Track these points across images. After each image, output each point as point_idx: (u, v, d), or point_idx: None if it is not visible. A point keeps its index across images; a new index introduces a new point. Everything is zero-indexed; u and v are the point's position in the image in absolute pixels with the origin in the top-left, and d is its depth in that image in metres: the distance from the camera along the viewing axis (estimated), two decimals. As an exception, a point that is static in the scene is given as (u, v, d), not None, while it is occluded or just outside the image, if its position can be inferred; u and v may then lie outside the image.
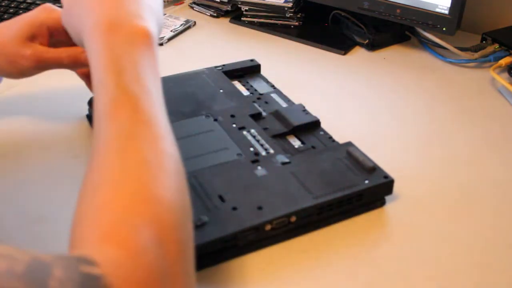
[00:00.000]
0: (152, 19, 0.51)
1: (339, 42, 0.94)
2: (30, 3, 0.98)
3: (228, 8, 1.04)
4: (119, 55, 0.46)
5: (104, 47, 0.47)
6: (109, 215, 0.37)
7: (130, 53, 0.46)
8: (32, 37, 0.63)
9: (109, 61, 0.46)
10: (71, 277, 0.33)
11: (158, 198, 0.39)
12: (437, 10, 0.85)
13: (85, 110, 0.71)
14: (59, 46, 0.64)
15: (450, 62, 0.89)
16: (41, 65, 0.64)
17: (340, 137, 0.64)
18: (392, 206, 0.59)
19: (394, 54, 0.92)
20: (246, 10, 1.00)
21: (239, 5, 1.01)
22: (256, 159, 0.59)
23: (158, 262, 0.36)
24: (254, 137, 0.63)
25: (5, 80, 0.72)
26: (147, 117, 0.43)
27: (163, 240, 0.37)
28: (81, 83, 0.69)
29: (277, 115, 0.68)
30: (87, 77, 0.68)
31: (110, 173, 0.40)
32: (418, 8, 0.87)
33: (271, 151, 0.61)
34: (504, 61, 0.84)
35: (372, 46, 0.93)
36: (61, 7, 0.58)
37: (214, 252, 0.51)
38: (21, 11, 0.96)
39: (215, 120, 0.66)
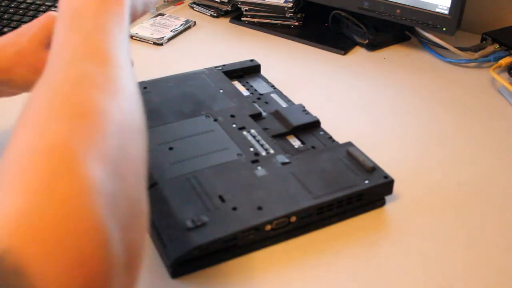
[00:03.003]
0: None
1: (339, 42, 0.94)
2: (30, 3, 0.98)
3: (228, 8, 1.04)
4: (78, 7, 0.43)
5: (65, 5, 0.44)
6: (22, 144, 0.33)
7: (89, 4, 0.43)
8: (48, 42, 0.60)
9: (66, 14, 0.44)
10: None
11: (85, 110, 0.35)
12: (437, 10, 0.85)
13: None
14: None
15: (450, 62, 0.89)
16: None
17: (340, 137, 0.64)
18: (392, 206, 0.59)
19: (394, 54, 0.92)
20: (246, 10, 1.00)
21: (239, 5, 1.01)
22: (256, 159, 0.59)
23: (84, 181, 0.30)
24: (254, 137, 0.63)
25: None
26: (97, 46, 0.40)
27: (98, 156, 0.32)
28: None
29: (277, 115, 0.68)
30: None
31: (38, 95, 0.37)
32: (418, 8, 0.87)
33: (271, 151, 0.61)
34: (504, 61, 0.84)
35: (372, 46, 0.93)
36: None
37: (214, 252, 0.51)
38: (21, 11, 0.96)
39: (215, 120, 0.66)
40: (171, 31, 0.97)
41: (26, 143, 0.33)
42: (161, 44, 0.93)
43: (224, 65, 0.79)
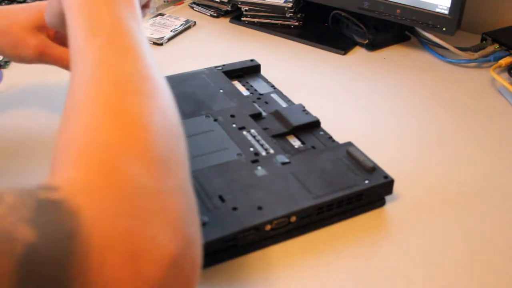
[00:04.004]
0: None
1: (339, 42, 0.94)
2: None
3: (228, 8, 1.04)
4: (96, 11, 0.43)
5: (82, 4, 0.44)
6: (80, 139, 0.35)
7: (109, 8, 0.43)
8: (40, 27, 0.62)
9: (78, 6, 0.44)
10: (25, 202, 0.30)
11: (130, 116, 0.36)
12: (437, 10, 0.85)
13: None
14: (65, 42, 0.64)
15: (450, 62, 0.89)
16: (42, 59, 0.63)
17: (340, 137, 0.64)
18: (392, 206, 0.59)
19: (394, 54, 0.92)
20: (246, 10, 1.00)
21: (239, 5, 1.01)
22: (256, 159, 0.59)
23: (132, 179, 0.33)
24: (254, 137, 0.63)
25: (5, 80, 0.72)
26: (122, 45, 0.41)
27: (140, 157, 0.34)
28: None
29: (277, 115, 0.68)
30: None
31: (80, 101, 0.38)
32: (418, 8, 0.87)
33: (271, 151, 0.61)
34: (504, 61, 0.84)
35: (372, 46, 0.93)
36: None
37: (214, 252, 0.51)
38: (21, 11, 0.96)
39: (215, 120, 0.66)
40: (171, 31, 0.97)
41: (80, 135, 0.36)
42: (161, 44, 0.93)
43: (224, 65, 0.79)
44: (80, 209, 0.31)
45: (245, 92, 0.74)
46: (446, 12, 0.85)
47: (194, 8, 1.08)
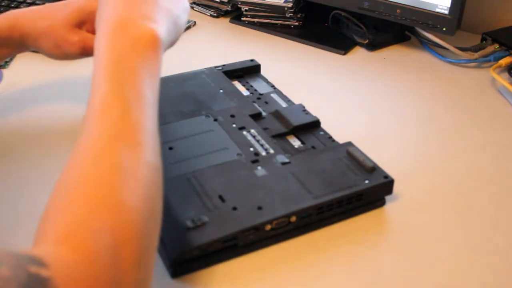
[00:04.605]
0: (164, 23, 0.51)
1: (339, 42, 0.94)
2: (30, 3, 0.98)
3: (228, 8, 1.04)
4: (120, 56, 0.46)
5: (108, 45, 0.47)
6: (71, 216, 0.37)
7: (131, 56, 0.46)
8: (80, 24, 0.64)
9: (109, 61, 0.46)
10: (17, 276, 0.32)
11: (123, 205, 0.38)
12: (437, 10, 0.85)
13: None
14: None
15: (450, 62, 0.89)
16: (86, 52, 0.65)
17: (340, 137, 0.64)
18: (392, 206, 0.59)
19: (394, 54, 0.92)
20: (246, 10, 1.00)
21: (239, 5, 1.01)
22: (256, 159, 0.59)
23: (110, 270, 0.36)
24: (254, 137, 0.63)
25: (5, 80, 0.72)
26: (134, 122, 0.43)
27: (120, 248, 0.37)
28: (83, 81, 0.69)
29: (277, 115, 0.68)
30: None
31: (82, 174, 0.40)
32: (418, 8, 0.87)
33: (271, 151, 0.61)
34: (504, 61, 0.84)
35: (372, 46, 0.93)
36: None
37: (214, 252, 0.51)
38: (21, 11, 0.96)
39: (215, 120, 0.66)
40: (171, 31, 0.97)
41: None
42: (161, 44, 0.93)
43: (224, 65, 0.79)
44: None
45: (245, 92, 0.74)
46: (446, 12, 0.85)
47: (194, 8, 1.08)
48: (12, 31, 0.64)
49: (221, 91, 0.72)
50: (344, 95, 0.80)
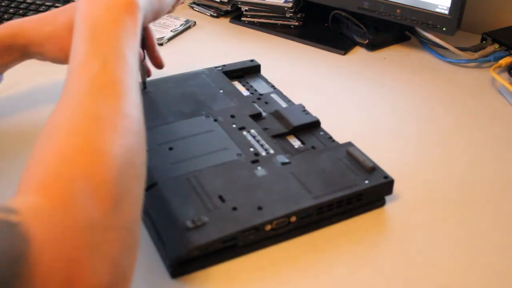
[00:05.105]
0: None
1: (339, 42, 0.94)
2: (30, 3, 0.98)
3: (228, 8, 1.04)
4: (96, 21, 0.48)
5: (84, 13, 0.49)
6: (47, 165, 0.38)
7: (107, 20, 0.48)
8: None
9: (85, 27, 0.48)
10: None
11: (98, 152, 0.39)
12: (437, 10, 0.85)
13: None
14: None
15: (450, 62, 0.89)
16: None
17: (340, 137, 0.64)
18: (392, 206, 0.59)
19: (394, 54, 0.92)
20: (246, 10, 1.00)
21: (239, 5, 1.01)
22: (256, 159, 0.59)
23: (85, 213, 0.36)
24: (254, 137, 0.63)
25: (5, 80, 0.72)
26: (113, 76, 0.44)
27: (95, 193, 0.37)
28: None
29: (277, 115, 0.68)
30: None
31: (59, 126, 0.41)
32: (418, 8, 0.87)
33: (271, 151, 0.61)
34: (504, 61, 0.84)
35: (372, 46, 0.93)
36: None
37: (214, 252, 0.51)
38: (21, 11, 0.96)
39: (215, 120, 0.66)
40: (171, 31, 0.97)
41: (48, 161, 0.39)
42: (161, 44, 0.93)
43: (224, 65, 0.79)
44: (32, 234, 0.33)
45: (245, 92, 0.74)
46: (446, 12, 0.85)
47: (194, 8, 1.08)
48: (16, 38, 0.65)
49: (221, 91, 0.72)
50: (344, 95, 0.80)
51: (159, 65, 0.72)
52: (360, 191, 0.56)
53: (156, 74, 0.76)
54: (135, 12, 0.50)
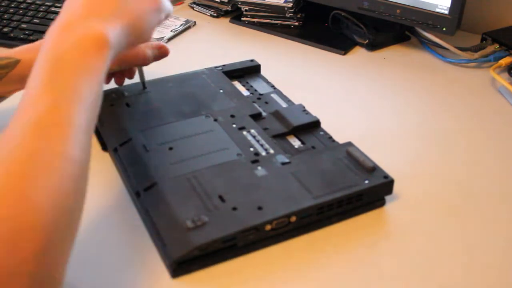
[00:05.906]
0: (119, 23, 0.51)
1: (339, 42, 0.94)
2: (30, 3, 0.98)
3: (228, 8, 1.04)
4: (62, 53, 0.46)
5: (52, 43, 0.47)
6: None
7: (73, 54, 0.47)
8: None
9: (49, 57, 0.46)
10: None
11: (26, 196, 0.38)
12: (437, 10, 0.85)
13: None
14: None
15: (450, 62, 0.89)
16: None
17: (340, 137, 0.64)
18: (392, 206, 0.59)
19: (394, 54, 0.92)
20: (246, 10, 1.00)
21: (239, 5, 1.01)
22: (256, 159, 0.59)
23: (5, 258, 0.35)
24: (254, 137, 0.63)
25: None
26: (62, 117, 0.43)
27: (17, 238, 0.36)
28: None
29: (277, 115, 0.68)
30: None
31: (7, 153, 0.40)
32: (418, 8, 0.87)
33: (271, 151, 0.61)
34: (504, 61, 0.84)
35: (372, 46, 0.93)
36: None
37: (214, 252, 0.51)
38: (21, 11, 0.96)
39: (215, 120, 0.66)
40: (171, 31, 0.97)
41: None
42: (161, 44, 0.93)
43: (224, 65, 0.79)
44: None
45: (245, 92, 0.74)
46: (446, 12, 0.85)
47: (194, 8, 1.08)
48: (20, 68, 0.64)
49: (221, 91, 0.72)
50: (344, 95, 0.80)
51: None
52: (360, 191, 0.56)
53: (156, 74, 0.76)
54: (105, 49, 0.48)
